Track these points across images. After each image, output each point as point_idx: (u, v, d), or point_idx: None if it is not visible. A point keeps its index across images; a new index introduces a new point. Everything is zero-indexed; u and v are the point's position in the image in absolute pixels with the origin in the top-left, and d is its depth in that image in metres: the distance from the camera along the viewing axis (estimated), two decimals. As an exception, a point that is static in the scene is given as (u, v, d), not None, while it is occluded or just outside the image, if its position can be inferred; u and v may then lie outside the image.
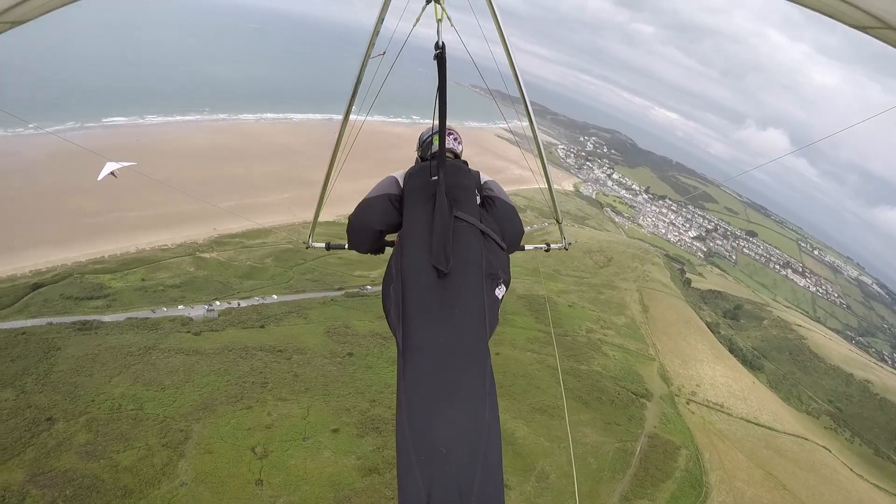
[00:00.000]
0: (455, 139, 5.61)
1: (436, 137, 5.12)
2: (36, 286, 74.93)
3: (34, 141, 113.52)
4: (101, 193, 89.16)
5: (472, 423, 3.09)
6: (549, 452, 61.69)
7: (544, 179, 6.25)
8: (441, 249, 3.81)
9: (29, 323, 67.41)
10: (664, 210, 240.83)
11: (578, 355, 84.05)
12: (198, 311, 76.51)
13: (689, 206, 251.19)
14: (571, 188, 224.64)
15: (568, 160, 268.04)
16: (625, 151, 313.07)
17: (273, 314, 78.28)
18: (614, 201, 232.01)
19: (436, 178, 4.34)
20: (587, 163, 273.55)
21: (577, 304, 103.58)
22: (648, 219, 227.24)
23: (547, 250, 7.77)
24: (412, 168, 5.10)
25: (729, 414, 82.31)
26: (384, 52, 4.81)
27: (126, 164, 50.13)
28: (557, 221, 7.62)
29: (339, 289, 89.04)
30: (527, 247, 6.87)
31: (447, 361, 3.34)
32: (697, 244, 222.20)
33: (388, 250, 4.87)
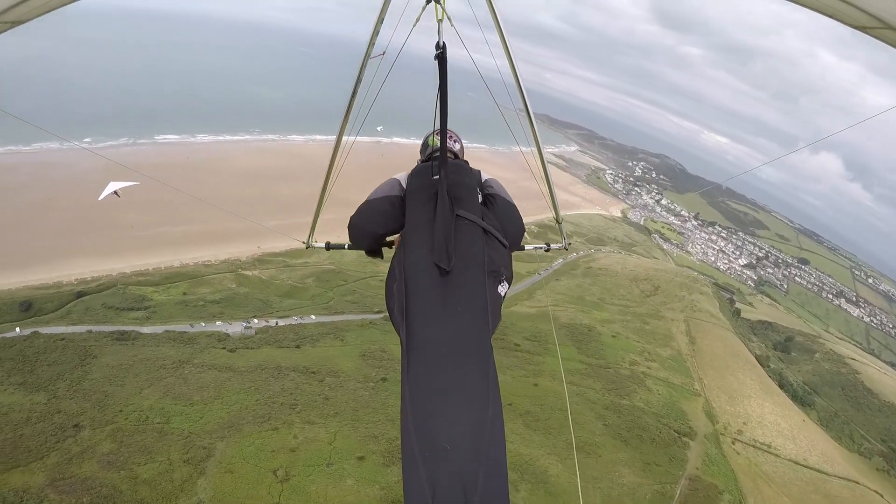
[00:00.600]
0: (454, 140, 5.54)
1: (435, 138, 5.18)
2: (80, 294, 75.71)
3: (84, 154, 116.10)
4: (149, 208, 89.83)
5: (475, 419, 3.04)
6: (583, 493, 57.73)
7: (544, 178, 6.30)
8: (443, 247, 3.79)
9: (69, 329, 68.03)
10: (713, 237, 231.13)
11: (620, 389, 79.15)
12: (235, 328, 75.71)
13: (740, 233, 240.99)
14: (619, 214, 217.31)
15: (616, 185, 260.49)
16: (674, 177, 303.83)
17: (310, 335, 76.79)
18: (662, 227, 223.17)
19: (437, 177, 4.37)
20: (635, 188, 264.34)
21: (622, 334, 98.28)
22: (697, 246, 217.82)
23: (547, 250, 7.63)
24: (414, 169, 5.03)
25: (776, 455, 76.21)
26: (384, 53, 4.85)
27: (129, 183, 50.56)
28: (557, 221, 7.56)
29: (379, 311, 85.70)
30: (527, 247, 6.68)
31: (450, 359, 3.31)
32: (748, 272, 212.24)
33: (388, 252, 4.97)
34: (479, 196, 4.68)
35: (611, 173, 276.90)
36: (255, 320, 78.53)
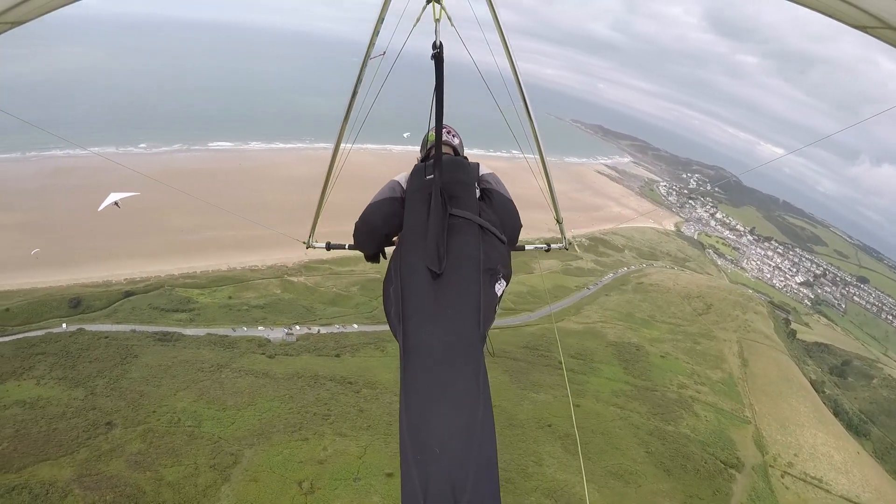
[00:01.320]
0: (452, 135, 5.40)
1: (432, 136, 4.70)
2: (128, 293, 76.29)
3: (144, 159, 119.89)
4: (198, 212, 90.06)
5: (466, 421, 3.02)
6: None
7: (544, 177, 6.13)
8: (434, 250, 3.75)
9: (114, 328, 68.55)
10: (769, 252, 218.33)
11: (666, 414, 74.13)
12: (277, 334, 74.81)
13: (797, 249, 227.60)
14: (672, 227, 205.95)
15: (669, 198, 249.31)
16: (729, 189, 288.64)
17: (350, 344, 75.35)
18: (717, 242, 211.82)
19: (431, 177, 4.29)
20: (689, 201, 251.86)
21: (671, 354, 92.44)
22: (753, 262, 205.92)
23: (547, 250, 7.08)
24: (414, 168, 4.94)
25: (828, 491, 69.65)
26: (384, 53, 4.81)
27: (129, 194, 50.97)
28: (557, 221, 6.73)
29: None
30: (527, 247, 6.52)
31: (441, 361, 3.29)
32: (804, 290, 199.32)
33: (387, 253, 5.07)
34: (477, 191, 4.59)
35: (664, 185, 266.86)
36: (297, 327, 77.56)
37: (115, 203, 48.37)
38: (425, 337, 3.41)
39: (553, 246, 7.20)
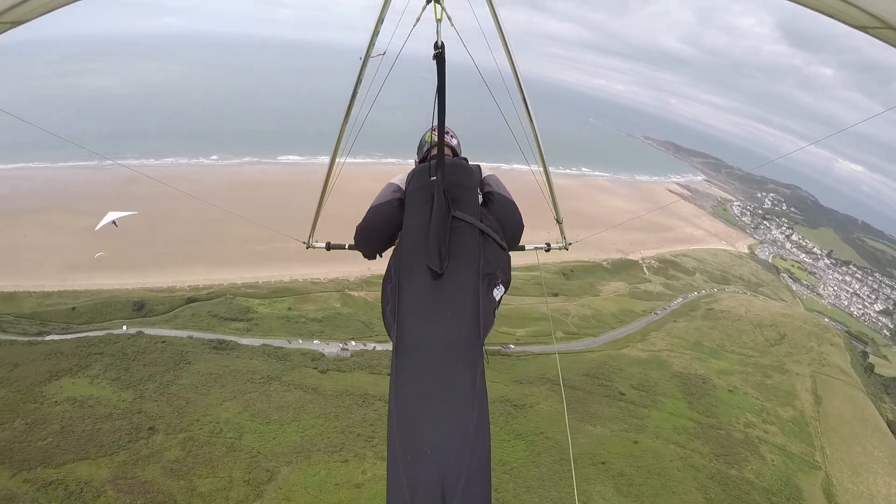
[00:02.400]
0: (450, 135, 5.29)
1: (433, 136, 4.65)
2: (190, 300, 76.63)
3: (214, 170, 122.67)
4: (264, 223, 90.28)
5: (459, 424, 2.94)
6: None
7: (544, 177, 5.95)
8: (436, 250, 3.67)
9: (172, 333, 68.64)
10: (847, 277, 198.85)
11: (730, 455, 66.76)
12: (332, 349, 72.95)
13: (876, 274, 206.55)
14: (746, 250, 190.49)
15: (743, 218, 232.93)
16: (805, 209, 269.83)
17: (406, 362, 72.40)
18: (792, 266, 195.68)
19: (434, 178, 4.20)
20: (764, 221, 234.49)
21: (739, 388, 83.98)
22: (830, 288, 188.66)
23: (547, 250, 6.98)
24: (414, 169, 4.85)
25: None
26: (384, 53, 4.69)
27: (126, 213, 51.98)
28: (557, 221, 6.64)
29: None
30: (527, 246, 6.26)
31: (437, 363, 3.19)
32: (883, 320, 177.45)
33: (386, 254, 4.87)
34: (480, 196, 4.45)
35: (738, 205, 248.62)
36: (353, 342, 75.45)
37: (113, 222, 49.20)
38: (423, 337, 3.28)
39: (553, 246, 7.07)
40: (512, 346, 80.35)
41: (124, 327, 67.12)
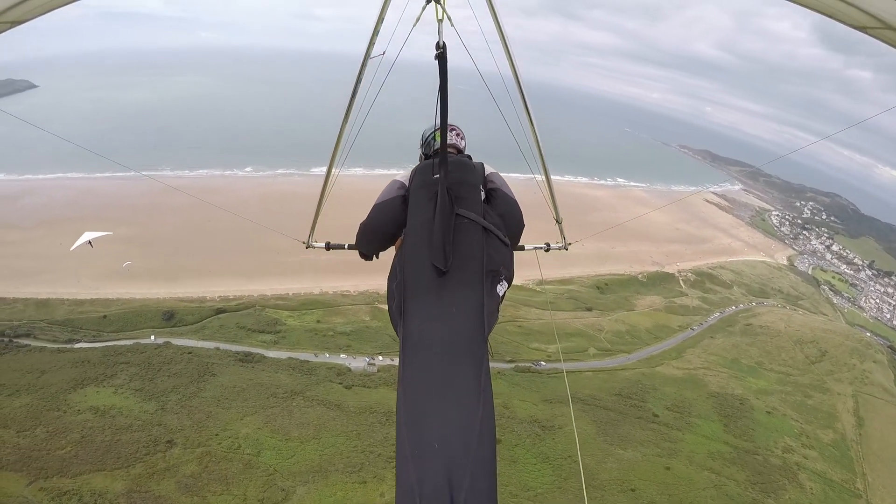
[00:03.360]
0: (457, 134, 5.23)
1: (437, 135, 4.87)
2: (219, 311, 75.63)
3: (248, 182, 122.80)
4: (295, 234, 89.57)
5: (465, 419, 2.96)
6: None
7: (544, 176, 5.99)
8: (440, 247, 3.70)
9: (199, 344, 67.78)
10: (889, 290, 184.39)
11: (767, 483, 62.04)
12: (358, 363, 70.86)
13: None
14: (785, 261, 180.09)
15: (782, 228, 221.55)
16: (846, 218, 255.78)
17: (433, 380, 70.15)
18: (833, 278, 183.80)
19: (437, 176, 4.22)
20: (803, 231, 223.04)
21: (778, 410, 78.44)
22: (871, 300, 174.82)
23: (547, 250, 7.05)
24: (417, 166, 4.79)
25: None
26: (384, 53, 4.71)
27: (102, 234, 52.63)
28: (557, 221, 6.85)
29: (511, 361, 76.30)
30: (527, 246, 6.40)
31: (443, 359, 3.22)
32: None
33: (385, 254, 4.92)
34: (482, 194, 4.45)
35: (777, 215, 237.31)
36: (380, 357, 72.99)
37: (89, 242, 49.37)
38: (428, 334, 3.30)
39: (553, 246, 7.02)
40: (542, 362, 77.14)
41: (152, 337, 66.52)
